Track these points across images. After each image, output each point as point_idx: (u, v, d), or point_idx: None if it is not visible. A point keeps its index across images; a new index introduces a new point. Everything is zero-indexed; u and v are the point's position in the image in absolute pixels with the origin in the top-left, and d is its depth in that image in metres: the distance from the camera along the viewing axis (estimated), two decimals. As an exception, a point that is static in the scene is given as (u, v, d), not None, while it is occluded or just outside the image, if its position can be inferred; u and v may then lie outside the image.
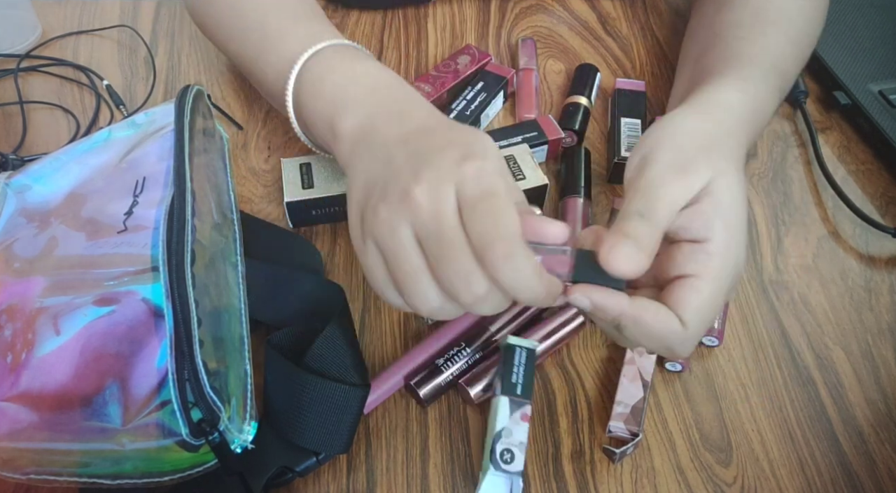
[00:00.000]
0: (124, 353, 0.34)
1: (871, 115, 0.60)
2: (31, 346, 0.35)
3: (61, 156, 0.44)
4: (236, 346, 0.39)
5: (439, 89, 0.60)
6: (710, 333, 0.47)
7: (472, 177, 0.34)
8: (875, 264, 0.53)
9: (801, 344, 0.49)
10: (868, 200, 0.57)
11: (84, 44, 0.67)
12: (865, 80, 0.63)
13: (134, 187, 0.41)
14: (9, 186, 0.44)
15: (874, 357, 0.48)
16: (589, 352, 0.48)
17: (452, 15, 0.71)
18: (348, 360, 0.41)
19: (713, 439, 0.44)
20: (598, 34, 0.70)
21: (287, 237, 0.50)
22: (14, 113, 0.61)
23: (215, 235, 0.41)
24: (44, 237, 0.40)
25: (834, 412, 0.46)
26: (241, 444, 0.35)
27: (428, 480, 0.42)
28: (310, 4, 0.54)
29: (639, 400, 0.44)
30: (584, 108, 0.60)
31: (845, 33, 0.67)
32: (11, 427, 0.34)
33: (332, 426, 0.39)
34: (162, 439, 0.33)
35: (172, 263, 0.35)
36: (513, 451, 0.40)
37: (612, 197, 0.57)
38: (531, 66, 0.64)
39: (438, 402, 0.46)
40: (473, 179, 0.34)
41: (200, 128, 0.45)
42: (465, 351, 0.46)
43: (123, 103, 0.62)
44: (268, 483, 0.39)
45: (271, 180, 0.57)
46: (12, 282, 0.38)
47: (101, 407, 0.33)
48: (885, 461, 0.44)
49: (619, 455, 0.42)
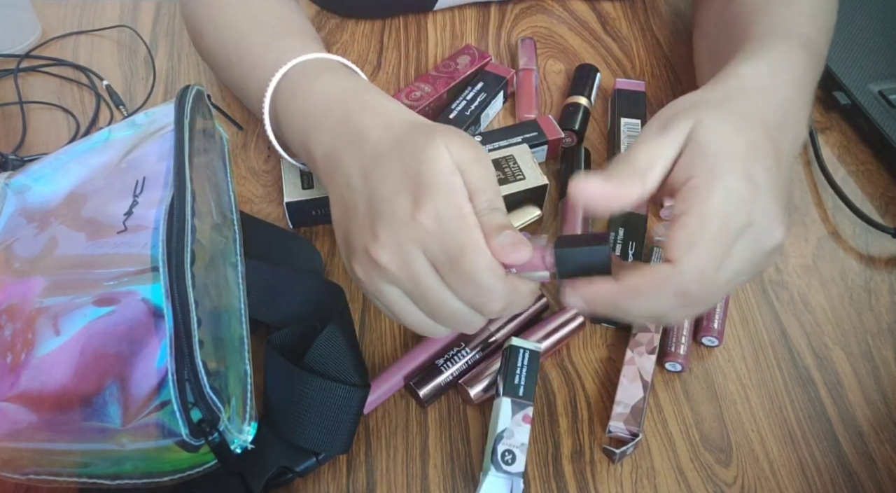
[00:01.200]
0: (124, 353, 0.34)
1: (871, 115, 0.60)
2: (30, 346, 0.35)
3: (61, 156, 0.44)
4: (236, 346, 0.39)
5: (439, 90, 0.60)
6: (710, 333, 0.47)
7: (431, 232, 0.34)
8: (875, 264, 0.53)
9: (801, 344, 0.49)
10: (868, 200, 0.57)
11: (84, 44, 0.67)
12: (865, 81, 0.63)
13: (134, 187, 0.41)
14: (9, 186, 0.44)
15: (874, 357, 0.48)
16: (589, 352, 0.48)
17: (452, 15, 0.71)
18: (348, 360, 0.41)
19: (713, 439, 0.44)
20: (598, 34, 0.70)
21: (287, 237, 0.50)
22: (14, 113, 0.61)
23: (215, 236, 0.41)
24: (44, 237, 0.40)
25: (834, 412, 0.46)
26: (240, 444, 0.35)
27: (428, 480, 0.42)
28: (286, 14, 0.53)
29: (639, 400, 0.44)
30: (584, 108, 0.60)
31: (845, 33, 0.67)
32: (11, 427, 0.34)
33: (332, 426, 0.39)
34: (162, 439, 0.33)
35: (172, 263, 0.35)
36: (514, 452, 0.40)
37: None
38: (531, 66, 0.64)
39: (438, 402, 0.46)
40: (434, 237, 0.34)
41: (200, 128, 0.45)
42: (465, 351, 0.46)
43: (123, 103, 0.61)
44: (268, 483, 0.39)
45: (271, 180, 0.57)
46: (12, 282, 0.38)
47: (101, 407, 0.33)
48: (885, 462, 0.44)
49: (619, 455, 0.42)
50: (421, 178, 0.35)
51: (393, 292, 0.36)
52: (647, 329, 0.47)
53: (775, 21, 0.48)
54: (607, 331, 0.49)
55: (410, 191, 0.35)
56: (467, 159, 0.35)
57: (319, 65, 0.46)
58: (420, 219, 0.34)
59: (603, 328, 0.49)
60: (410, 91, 0.60)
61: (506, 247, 0.34)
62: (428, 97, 0.60)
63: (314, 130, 0.42)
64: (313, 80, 0.45)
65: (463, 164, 0.35)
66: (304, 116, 0.43)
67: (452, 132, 0.37)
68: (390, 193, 0.35)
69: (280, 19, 0.52)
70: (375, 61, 0.67)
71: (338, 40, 0.68)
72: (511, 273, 0.36)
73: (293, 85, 0.45)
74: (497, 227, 0.35)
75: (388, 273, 0.35)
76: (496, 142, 0.56)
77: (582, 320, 0.48)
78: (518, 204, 0.53)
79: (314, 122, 0.42)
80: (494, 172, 0.37)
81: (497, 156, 0.53)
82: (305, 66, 0.46)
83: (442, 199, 0.34)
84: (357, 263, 0.37)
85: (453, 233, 0.34)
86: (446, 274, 0.35)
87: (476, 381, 0.44)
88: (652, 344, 0.46)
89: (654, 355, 0.46)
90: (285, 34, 0.50)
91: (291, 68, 0.46)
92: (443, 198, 0.34)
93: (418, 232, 0.34)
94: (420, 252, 0.34)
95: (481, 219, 0.35)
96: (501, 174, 0.52)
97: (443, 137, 0.36)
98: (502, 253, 0.34)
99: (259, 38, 0.51)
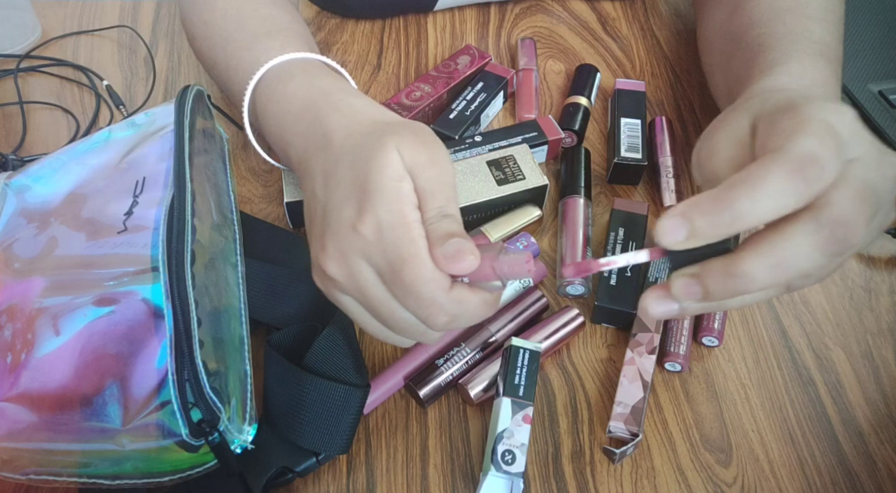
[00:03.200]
0: (124, 353, 0.34)
1: (871, 115, 0.60)
2: (30, 346, 0.35)
3: (61, 156, 0.44)
4: (236, 346, 0.39)
5: (439, 90, 0.60)
6: (711, 333, 0.47)
7: (372, 242, 0.33)
8: (875, 265, 0.53)
9: (801, 344, 0.49)
10: (868, 200, 0.57)
11: (84, 44, 0.67)
12: (865, 81, 0.63)
13: (134, 188, 0.41)
14: (9, 186, 0.44)
15: (874, 357, 0.48)
16: (589, 352, 0.48)
17: (452, 15, 0.71)
18: (348, 360, 0.41)
19: (713, 439, 0.44)
20: (598, 34, 0.70)
21: (287, 237, 0.50)
22: (14, 113, 0.61)
23: (215, 236, 0.41)
24: (44, 237, 0.40)
25: (834, 413, 0.46)
26: (240, 444, 0.35)
27: (428, 480, 0.42)
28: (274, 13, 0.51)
29: (639, 400, 0.44)
30: (584, 108, 0.60)
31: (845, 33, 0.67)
32: (11, 427, 0.34)
33: (332, 426, 0.39)
34: (162, 439, 0.33)
35: (172, 263, 0.35)
36: (514, 452, 0.40)
37: (612, 197, 0.56)
38: (531, 66, 0.64)
39: (438, 402, 0.45)
40: (376, 247, 0.33)
41: (200, 128, 0.45)
42: (465, 351, 0.46)
43: (123, 104, 0.61)
44: (268, 484, 0.39)
45: (271, 180, 0.57)
46: (12, 282, 0.38)
47: (101, 407, 0.33)
48: (885, 462, 0.44)
49: (619, 456, 0.42)
50: (367, 184, 0.33)
51: (349, 301, 0.36)
52: (648, 329, 0.47)
53: (787, 31, 0.47)
54: (607, 331, 0.49)
55: (356, 198, 0.34)
56: (421, 162, 0.34)
57: (295, 66, 0.45)
58: (361, 229, 0.33)
59: (603, 328, 0.49)
60: (410, 91, 0.60)
61: (448, 257, 0.32)
62: (428, 97, 0.60)
63: (289, 133, 0.42)
64: (287, 82, 0.43)
65: (415, 166, 0.34)
66: (280, 119, 0.43)
67: (409, 131, 0.35)
68: (339, 200, 0.34)
69: (266, 20, 0.51)
70: (375, 61, 0.67)
71: (338, 40, 0.68)
72: (462, 282, 0.34)
73: (268, 89, 0.44)
74: (444, 235, 0.33)
75: (338, 284, 0.35)
76: (496, 142, 0.56)
77: (582, 320, 0.48)
78: (518, 204, 0.53)
79: (288, 126, 0.42)
80: (452, 173, 0.35)
81: (497, 156, 0.53)
82: (281, 69, 0.45)
83: (384, 206, 0.33)
84: (314, 272, 0.37)
85: (394, 243, 0.33)
86: (390, 285, 0.34)
87: (476, 381, 0.44)
88: (652, 344, 0.46)
89: (654, 355, 0.46)
90: (268, 35, 0.49)
91: (268, 71, 0.45)
92: (385, 205, 0.33)
93: (359, 242, 0.33)
94: (364, 263, 0.34)
95: (428, 227, 0.33)
96: (501, 174, 0.52)
97: (395, 139, 0.34)
98: (444, 263, 0.32)
99: (242, 39, 0.49)
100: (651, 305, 0.32)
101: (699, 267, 0.31)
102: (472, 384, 0.44)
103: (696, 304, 0.31)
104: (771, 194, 0.28)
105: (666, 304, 0.32)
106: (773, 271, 0.29)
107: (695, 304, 0.31)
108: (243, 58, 0.48)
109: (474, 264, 0.33)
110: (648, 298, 0.32)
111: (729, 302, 0.32)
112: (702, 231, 0.28)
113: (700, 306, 0.32)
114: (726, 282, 0.30)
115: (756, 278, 0.29)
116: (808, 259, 0.29)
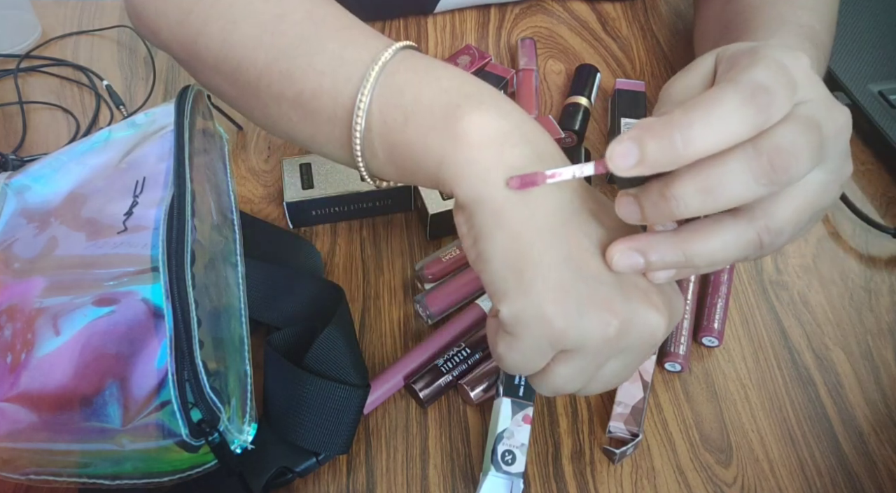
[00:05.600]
0: (124, 353, 0.34)
1: (871, 115, 0.60)
2: (30, 346, 0.35)
3: (61, 156, 0.44)
4: (236, 346, 0.39)
5: (439, 90, 0.60)
6: (711, 333, 0.47)
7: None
8: (875, 265, 0.53)
9: (800, 344, 0.49)
10: (868, 200, 0.57)
11: (84, 44, 0.67)
12: (865, 81, 0.63)
13: (134, 188, 0.41)
14: (9, 186, 0.44)
15: (874, 358, 0.48)
16: (589, 352, 0.48)
17: (452, 16, 0.71)
18: (348, 360, 0.41)
19: (713, 439, 0.44)
20: (598, 34, 0.70)
21: (287, 237, 0.50)
22: (14, 113, 0.61)
23: (215, 236, 0.41)
24: (44, 237, 0.40)
25: (834, 413, 0.46)
26: (240, 444, 0.35)
27: (428, 481, 0.42)
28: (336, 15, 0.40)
29: (639, 400, 0.44)
30: (584, 108, 0.60)
31: (845, 33, 0.67)
32: (11, 427, 0.34)
33: (332, 426, 0.39)
34: (162, 439, 0.33)
35: (172, 263, 0.35)
36: (514, 452, 0.40)
37: (612, 197, 0.56)
38: (531, 66, 0.64)
39: (438, 403, 0.45)
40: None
41: (200, 128, 0.45)
42: (465, 352, 0.45)
43: (123, 104, 0.62)
44: (268, 484, 0.39)
45: (271, 180, 0.57)
46: (12, 282, 0.38)
47: (101, 407, 0.33)
48: (885, 462, 0.44)
49: (619, 456, 0.42)
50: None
51: None
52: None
53: (776, 14, 0.48)
54: (607, 331, 0.49)
55: (618, 320, 0.32)
56: None
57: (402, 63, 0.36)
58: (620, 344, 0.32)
59: (603, 328, 0.49)
60: (410, 91, 0.60)
61: None
62: (428, 97, 0.59)
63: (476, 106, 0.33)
64: (418, 83, 0.34)
65: None
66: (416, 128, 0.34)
67: None
68: (599, 302, 0.32)
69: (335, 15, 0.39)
70: (375, 61, 0.67)
71: (338, 40, 0.68)
72: None
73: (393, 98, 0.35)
74: None
75: None
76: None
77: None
78: (518, 204, 0.53)
79: (473, 97, 0.33)
80: None
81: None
82: (405, 61, 0.36)
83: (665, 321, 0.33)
84: (530, 323, 0.32)
85: None
86: None
87: (476, 381, 0.44)
88: (652, 344, 0.46)
89: (654, 355, 0.46)
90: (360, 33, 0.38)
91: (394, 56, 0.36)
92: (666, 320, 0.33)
93: None
94: None
95: None
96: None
97: None
98: None
99: (318, 42, 0.38)
100: (616, 256, 0.31)
101: (639, 188, 0.30)
102: (472, 385, 0.44)
103: (660, 258, 0.31)
104: (722, 118, 0.27)
105: (630, 256, 0.31)
106: (705, 195, 0.28)
107: (657, 257, 0.31)
108: (337, 60, 0.37)
109: None
110: (614, 249, 0.31)
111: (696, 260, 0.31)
112: (652, 157, 0.27)
113: (664, 262, 0.31)
114: (658, 204, 0.29)
115: (688, 203, 0.28)
116: (741, 185, 0.28)
